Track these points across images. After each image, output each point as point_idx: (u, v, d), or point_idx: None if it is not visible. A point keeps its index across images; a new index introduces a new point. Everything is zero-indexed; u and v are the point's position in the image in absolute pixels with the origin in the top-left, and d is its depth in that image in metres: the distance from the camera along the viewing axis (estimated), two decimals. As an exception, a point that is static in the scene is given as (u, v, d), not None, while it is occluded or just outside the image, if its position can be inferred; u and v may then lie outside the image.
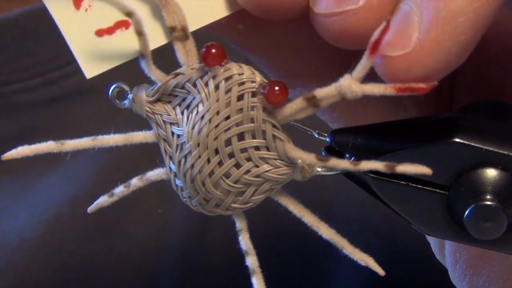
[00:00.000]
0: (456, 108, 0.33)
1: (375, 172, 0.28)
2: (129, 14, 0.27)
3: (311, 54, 0.31)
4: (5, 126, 0.42)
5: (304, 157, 0.27)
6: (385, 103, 0.32)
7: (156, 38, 0.28)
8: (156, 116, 0.29)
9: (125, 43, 0.28)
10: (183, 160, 0.28)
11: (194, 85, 0.28)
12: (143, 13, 0.28)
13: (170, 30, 0.28)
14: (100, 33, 0.27)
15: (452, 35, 0.24)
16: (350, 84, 0.25)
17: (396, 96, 0.25)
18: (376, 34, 0.24)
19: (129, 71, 0.29)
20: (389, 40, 0.25)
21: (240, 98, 0.27)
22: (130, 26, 0.28)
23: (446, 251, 0.33)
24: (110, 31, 0.27)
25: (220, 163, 0.28)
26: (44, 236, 0.42)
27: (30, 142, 0.41)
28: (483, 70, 0.32)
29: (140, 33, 0.27)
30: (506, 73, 0.32)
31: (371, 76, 0.26)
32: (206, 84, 0.28)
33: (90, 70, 0.28)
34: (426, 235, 0.34)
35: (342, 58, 0.30)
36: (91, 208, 0.30)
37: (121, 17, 0.27)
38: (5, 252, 0.42)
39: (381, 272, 0.29)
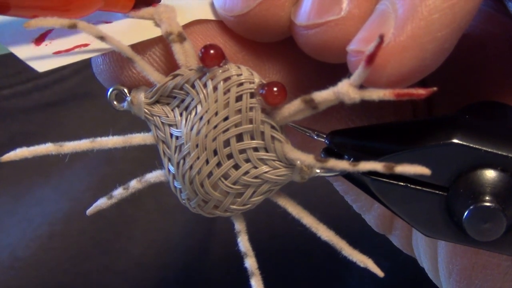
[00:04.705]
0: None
1: (374, 173, 0.28)
2: (102, 38, 0.27)
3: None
4: None
5: (303, 158, 0.27)
6: (360, 113, 0.32)
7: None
8: (154, 117, 0.29)
9: (84, 55, 0.28)
10: (181, 161, 0.28)
11: (193, 86, 0.28)
12: None
13: (166, 35, 0.28)
14: (57, 52, 0.28)
15: (428, 30, 0.24)
16: (348, 90, 0.25)
17: (395, 101, 0.25)
18: (371, 48, 0.24)
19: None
20: (364, 37, 0.25)
21: (238, 99, 0.27)
22: (88, 45, 0.28)
23: (439, 265, 0.32)
24: (68, 50, 0.28)
25: (218, 164, 0.28)
26: (37, 254, 0.41)
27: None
28: (460, 77, 0.32)
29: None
30: (485, 80, 0.32)
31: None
32: (205, 85, 0.28)
33: (41, 66, 0.27)
34: (419, 262, 0.34)
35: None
36: (90, 210, 0.30)
37: (81, 42, 0.28)
38: None
39: (380, 273, 0.29)
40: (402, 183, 0.28)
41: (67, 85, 0.41)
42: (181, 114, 0.28)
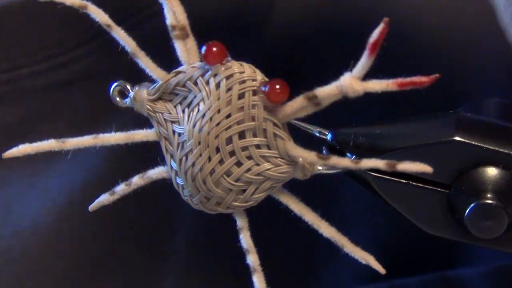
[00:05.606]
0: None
1: (376, 171, 0.28)
2: (108, 26, 0.28)
3: None
4: (15, 111, 0.42)
5: (305, 156, 0.27)
6: None
7: None
8: (157, 114, 0.29)
9: None
10: (184, 158, 0.28)
11: (195, 84, 0.28)
12: None
13: (170, 29, 0.28)
14: None
15: None
16: (351, 82, 0.25)
17: (399, 91, 0.25)
18: (375, 35, 0.24)
19: (133, 69, 0.29)
20: None
21: (241, 96, 0.27)
22: None
23: None
24: None
25: (221, 162, 0.28)
26: (58, 222, 0.42)
27: (39, 127, 0.41)
28: None
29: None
30: None
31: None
32: (207, 83, 0.28)
33: None
34: None
35: None
36: (92, 206, 0.30)
37: None
38: (19, 239, 0.42)
39: (381, 270, 0.29)
40: (404, 181, 0.28)
41: (82, 64, 0.42)
42: (183, 111, 0.28)
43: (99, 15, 0.28)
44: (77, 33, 0.41)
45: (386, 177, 0.28)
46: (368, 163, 0.26)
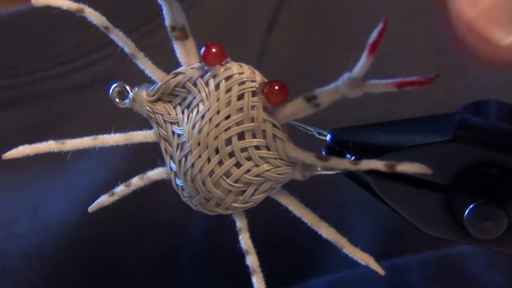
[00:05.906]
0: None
1: (375, 172, 0.28)
2: (107, 28, 0.28)
3: None
4: (34, 113, 0.44)
5: (304, 157, 0.27)
6: None
7: None
8: (156, 115, 0.29)
9: None
10: (183, 159, 0.28)
11: (195, 85, 0.28)
12: None
13: (169, 30, 0.28)
14: None
15: None
16: (351, 84, 0.25)
17: (398, 91, 0.25)
18: (374, 35, 0.24)
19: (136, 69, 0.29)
20: None
21: (240, 97, 0.27)
22: None
23: None
24: None
25: (220, 163, 0.28)
26: (84, 217, 0.43)
27: (59, 129, 0.42)
28: None
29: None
30: None
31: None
32: (207, 84, 0.28)
33: None
34: None
35: None
36: (92, 207, 0.31)
37: None
38: (48, 235, 0.44)
39: (381, 272, 0.29)
40: (403, 182, 0.28)
41: (99, 68, 0.43)
42: (183, 112, 0.28)
43: (97, 18, 0.28)
44: (96, 37, 0.41)
45: (386, 178, 0.28)
46: (367, 164, 0.26)
